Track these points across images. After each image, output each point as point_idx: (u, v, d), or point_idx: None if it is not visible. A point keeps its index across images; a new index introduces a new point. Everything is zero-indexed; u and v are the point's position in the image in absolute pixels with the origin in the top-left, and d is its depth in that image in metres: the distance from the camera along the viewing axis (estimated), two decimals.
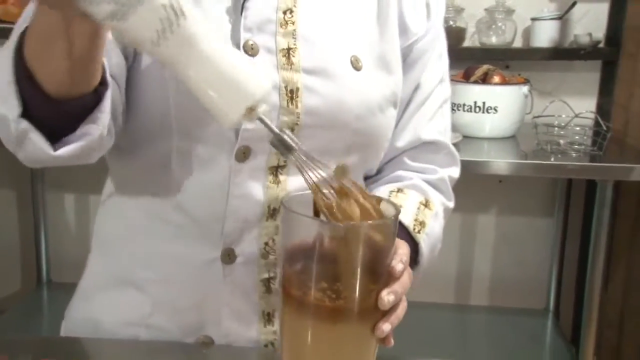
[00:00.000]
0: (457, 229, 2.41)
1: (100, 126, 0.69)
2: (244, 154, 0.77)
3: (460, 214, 2.39)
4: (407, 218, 0.83)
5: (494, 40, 2.16)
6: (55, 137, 0.69)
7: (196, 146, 0.77)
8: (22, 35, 0.66)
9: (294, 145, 0.60)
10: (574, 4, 2.08)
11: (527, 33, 2.20)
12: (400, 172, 0.90)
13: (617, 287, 1.99)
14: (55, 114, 0.68)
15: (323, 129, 0.78)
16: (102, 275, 0.88)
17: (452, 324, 2.37)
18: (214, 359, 0.78)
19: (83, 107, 0.69)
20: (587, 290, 1.88)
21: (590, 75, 2.21)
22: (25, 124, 0.67)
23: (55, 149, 0.68)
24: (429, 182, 0.90)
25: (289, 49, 0.77)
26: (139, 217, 0.83)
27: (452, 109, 2.01)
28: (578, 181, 2.21)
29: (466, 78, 1.99)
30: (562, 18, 2.11)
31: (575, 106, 1.93)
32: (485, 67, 1.98)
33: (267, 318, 0.83)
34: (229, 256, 0.80)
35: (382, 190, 0.87)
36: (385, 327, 0.64)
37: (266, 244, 0.81)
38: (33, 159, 0.71)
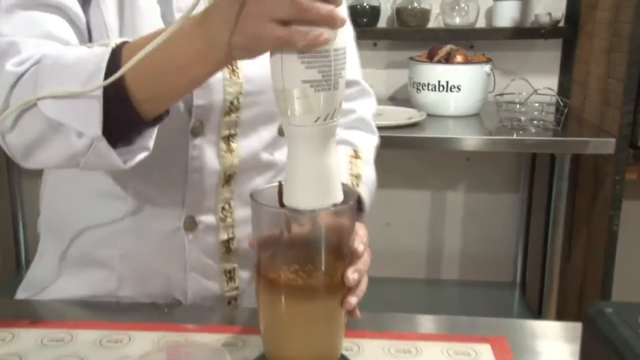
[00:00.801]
0: (427, 206, 2.48)
1: (153, 139, 0.71)
2: (198, 129, 0.82)
3: (430, 191, 2.46)
4: (343, 177, 0.89)
5: (457, 21, 2.22)
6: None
7: None
8: (114, 55, 0.66)
9: None
10: None
11: (490, 14, 2.26)
12: None
13: (579, 257, 2.07)
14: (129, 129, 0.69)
15: (264, 94, 0.83)
16: (58, 259, 0.90)
17: (424, 298, 2.44)
18: (184, 318, 0.83)
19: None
20: (549, 260, 1.97)
21: (551, 54, 2.29)
22: (104, 142, 0.67)
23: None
24: (349, 126, 0.96)
25: None
26: (94, 200, 0.86)
27: (417, 89, 2.07)
28: (541, 157, 2.29)
29: (430, 58, 2.05)
30: None
31: (538, 84, 2.00)
32: (448, 47, 2.04)
33: (229, 276, 0.90)
34: (191, 224, 0.85)
35: None
36: (353, 300, 0.70)
37: (223, 208, 0.87)
38: (93, 167, 0.71)
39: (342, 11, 0.59)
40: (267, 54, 0.60)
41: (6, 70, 0.70)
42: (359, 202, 0.90)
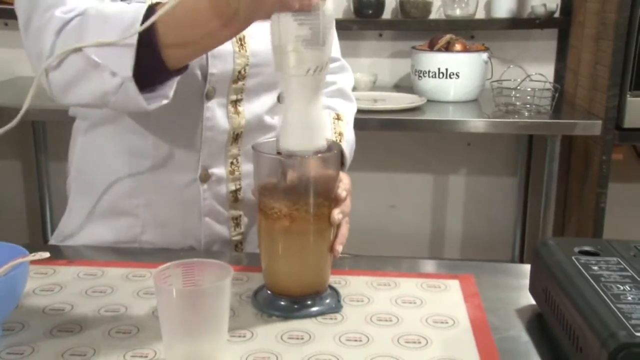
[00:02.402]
0: (430, 189, 2.61)
1: (173, 89, 0.84)
2: (211, 94, 0.97)
3: (432, 175, 2.59)
4: (328, 134, 1.03)
5: (458, 12, 2.34)
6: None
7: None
8: (149, 10, 0.77)
9: None
10: None
11: (489, 6, 2.38)
12: None
13: (571, 234, 2.19)
14: (156, 76, 0.81)
15: (266, 66, 0.97)
16: (87, 212, 1.04)
17: None
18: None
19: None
20: (541, 237, 2.09)
21: (547, 43, 2.41)
22: (133, 83, 0.78)
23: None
24: (330, 95, 1.11)
25: None
26: (120, 157, 1.00)
27: (419, 76, 2.20)
28: (537, 142, 2.41)
29: (431, 47, 2.18)
30: None
31: (535, 72, 2.13)
32: (447, 36, 2.17)
33: (236, 222, 1.06)
34: (205, 176, 1.00)
35: None
36: (339, 247, 0.84)
37: (232, 163, 1.02)
38: (120, 106, 0.83)
39: None
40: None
41: (55, 15, 0.82)
42: (342, 156, 1.04)
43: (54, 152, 2.56)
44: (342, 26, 2.25)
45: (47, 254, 0.74)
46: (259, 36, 0.95)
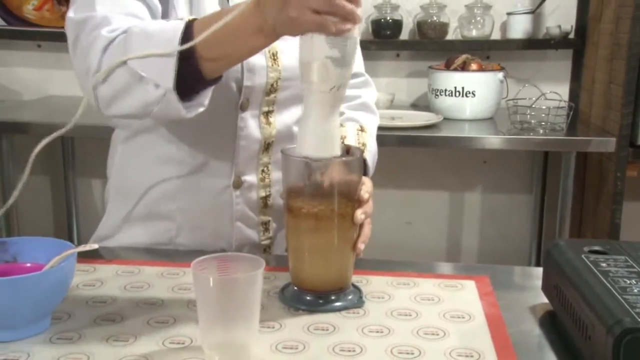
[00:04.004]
0: (447, 206, 2.66)
1: (209, 98, 0.91)
2: (245, 105, 1.04)
3: (448, 192, 2.64)
4: (353, 144, 1.09)
5: (474, 33, 2.41)
6: None
7: (208, 103, 0.99)
8: (188, 25, 0.84)
9: None
10: (543, 0, 2.33)
11: (505, 27, 2.45)
12: None
13: None
14: (194, 86, 0.87)
15: (297, 80, 1.03)
16: (125, 216, 1.10)
17: None
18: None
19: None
20: None
21: (562, 63, 2.46)
22: (174, 93, 0.85)
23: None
24: (355, 108, 1.17)
25: None
26: (159, 165, 1.07)
27: (435, 95, 2.26)
28: (553, 160, 2.45)
29: (447, 67, 2.24)
30: (534, 12, 2.36)
31: (549, 91, 2.18)
32: (463, 56, 2.23)
33: (265, 227, 1.12)
34: (238, 182, 1.07)
35: None
36: (361, 246, 0.91)
37: (262, 170, 1.09)
38: (161, 116, 0.90)
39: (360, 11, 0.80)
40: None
41: (101, 34, 0.89)
42: (364, 165, 1.10)
43: (81, 168, 2.65)
44: (361, 46, 2.29)
45: (95, 246, 0.80)
46: (290, 52, 1.02)
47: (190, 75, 0.86)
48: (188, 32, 0.84)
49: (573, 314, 0.75)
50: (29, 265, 0.84)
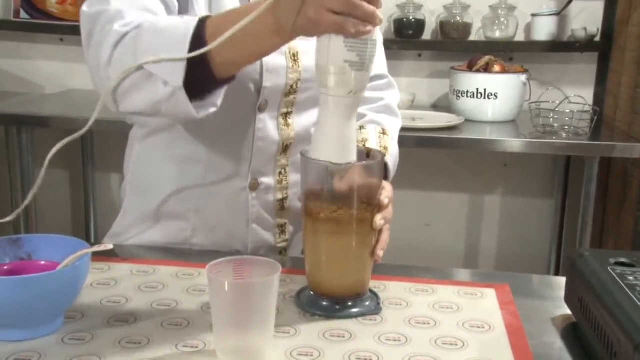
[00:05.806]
0: (466, 209, 2.63)
1: (221, 98, 0.89)
2: (263, 107, 1.02)
3: (468, 194, 2.61)
4: (374, 147, 1.07)
5: (497, 34, 2.37)
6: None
7: (226, 103, 0.97)
8: (201, 23, 0.82)
9: None
10: (570, 2, 2.29)
11: (529, 28, 2.41)
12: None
13: None
14: (204, 86, 0.85)
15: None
16: (141, 214, 1.09)
17: None
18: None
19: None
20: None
21: (587, 66, 2.42)
22: (183, 92, 0.83)
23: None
24: (377, 110, 1.15)
25: None
26: (176, 165, 1.05)
27: (457, 96, 2.23)
28: (575, 164, 2.41)
29: (469, 68, 2.21)
30: (560, 14, 2.32)
31: (573, 94, 2.14)
32: (487, 57, 2.20)
33: (281, 229, 1.10)
34: (254, 185, 1.05)
35: None
36: (380, 252, 0.89)
37: (280, 172, 1.07)
38: (171, 114, 0.88)
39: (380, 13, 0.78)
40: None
41: (114, 29, 0.88)
42: (385, 168, 1.07)
43: (100, 163, 2.66)
44: (383, 45, 2.30)
45: (110, 246, 0.79)
46: (311, 52, 1.00)
47: (201, 75, 0.84)
48: (200, 31, 0.83)
49: (598, 328, 0.73)
50: (43, 263, 0.83)
